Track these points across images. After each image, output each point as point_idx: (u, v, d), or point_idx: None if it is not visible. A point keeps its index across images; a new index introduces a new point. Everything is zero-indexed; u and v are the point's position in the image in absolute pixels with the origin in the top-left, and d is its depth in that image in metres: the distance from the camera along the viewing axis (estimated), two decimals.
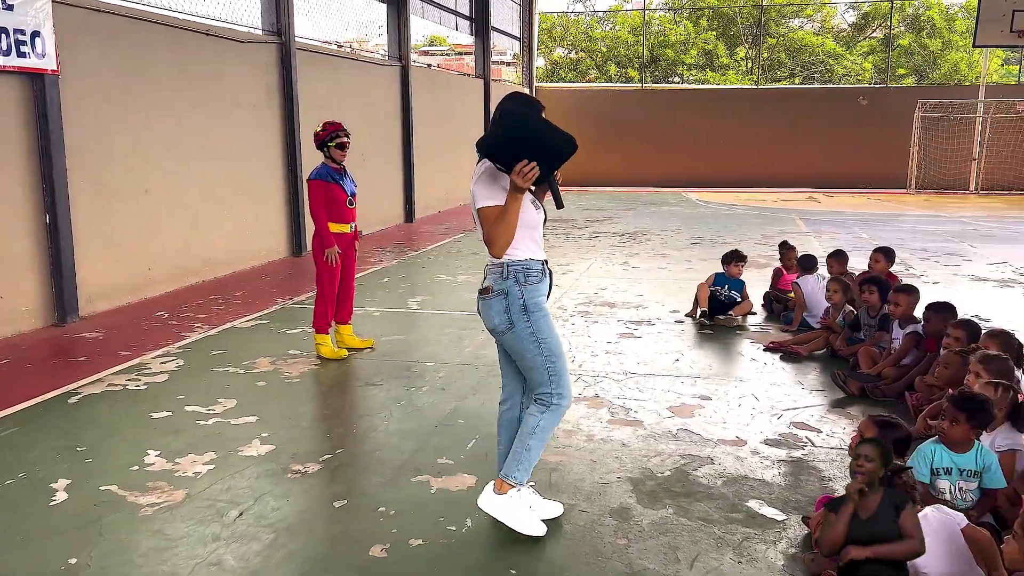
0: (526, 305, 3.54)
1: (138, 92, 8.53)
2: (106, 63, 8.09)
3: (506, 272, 3.54)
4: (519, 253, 3.53)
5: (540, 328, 3.56)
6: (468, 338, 7.00)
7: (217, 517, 3.82)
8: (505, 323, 3.56)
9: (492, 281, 3.58)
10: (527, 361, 3.60)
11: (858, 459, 3.11)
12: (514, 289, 3.53)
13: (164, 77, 8.93)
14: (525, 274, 3.54)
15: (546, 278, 3.64)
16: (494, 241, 3.46)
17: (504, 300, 3.54)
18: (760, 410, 5.22)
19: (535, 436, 3.61)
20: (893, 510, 3.05)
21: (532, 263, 3.56)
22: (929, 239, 12.87)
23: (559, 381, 3.61)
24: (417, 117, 15.59)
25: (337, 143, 6.27)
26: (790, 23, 30.85)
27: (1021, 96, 21.34)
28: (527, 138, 3.34)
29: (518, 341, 3.57)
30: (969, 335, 4.95)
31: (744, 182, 22.74)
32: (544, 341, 3.56)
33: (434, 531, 3.69)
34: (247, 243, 10.47)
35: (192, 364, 6.26)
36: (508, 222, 3.42)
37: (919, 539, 2.98)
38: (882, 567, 3.01)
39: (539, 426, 3.62)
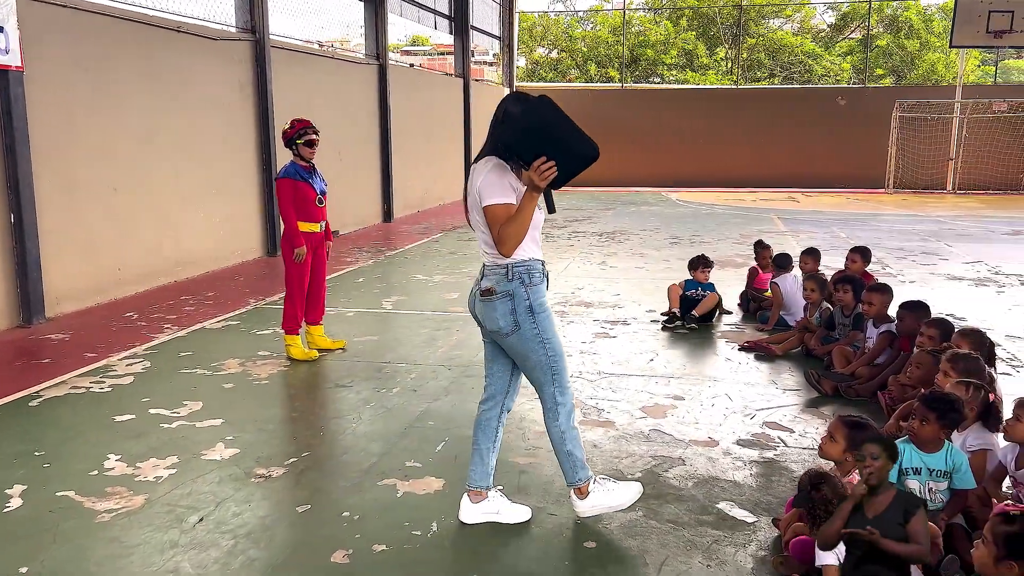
0: (532, 306, 3.49)
1: (108, 89, 8.39)
2: (74, 60, 7.95)
3: (511, 273, 3.47)
4: (523, 253, 3.47)
5: (545, 329, 3.52)
6: (442, 339, 6.92)
7: (176, 523, 3.73)
8: (511, 325, 3.49)
9: (495, 282, 3.49)
10: (531, 362, 3.55)
11: (864, 460, 3.02)
12: (520, 290, 3.47)
13: (135, 74, 8.79)
14: (529, 275, 3.49)
15: (546, 279, 3.60)
16: (505, 241, 3.36)
17: (510, 302, 3.48)
18: (733, 410, 5.17)
19: (567, 440, 3.63)
20: (902, 513, 2.96)
21: (534, 263, 3.52)
22: (906, 238, 12.91)
23: (560, 380, 3.59)
24: (395, 116, 15.49)
25: (306, 140, 6.16)
26: (769, 23, 30.99)
27: (997, 96, 21.52)
28: (553, 136, 3.25)
29: (523, 342, 3.51)
30: (942, 334, 4.93)
31: (724, 182, 22.79)
32: (548, 342, 3.53)
33: (399, 536, 3.61)
34: (220, 243, 10.34)
35: (159, 366, 6.14)
36: (522, 222, 3.35)
37: (926, 545, 2.91)
38: (883, 568, 2.94)
39: (563, 431, 3.63)
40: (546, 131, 3.27)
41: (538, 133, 3.27)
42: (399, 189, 15.81)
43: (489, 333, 3.62)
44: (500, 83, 23.98)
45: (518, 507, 3.79)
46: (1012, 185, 21.33)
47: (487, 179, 3.39)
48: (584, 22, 31.87)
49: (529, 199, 3.34)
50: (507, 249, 3.39)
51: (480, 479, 3.74)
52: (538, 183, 3.24)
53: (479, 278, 3.59)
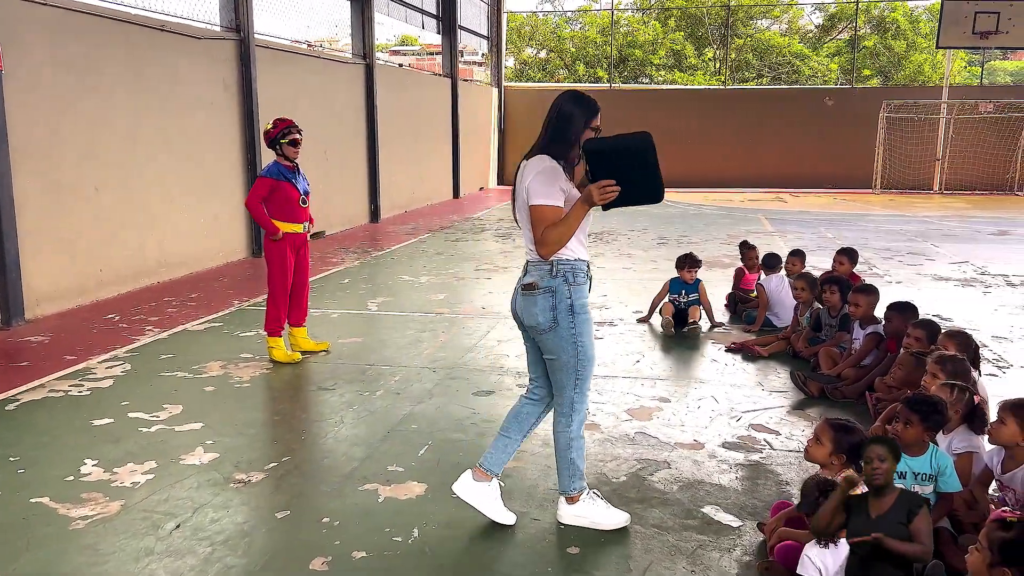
0: (573, 305, 3.47)
1: (90, 89, 8.29)
2: (55, 59, 7.85)
3: (555, 270, 3.46)
4: (569, 253, 3.46)
5: (582, 332, 3.50)
6: (427, 340, 6.87)
7: (152, 530, 3.66)
8: (549, 321, 3.47)
9: (538, 278, 3.48)
10: (559, 362, 3.53)
11: (871, 462, 3.00)
12: (563, 288, 3.46)
13: (118, 74, 8.69)
14: (574, 274, 3.48)
15: (589, 280, 3.57)
16: (547, 244, 3.38)
17: (551, 298, 3.46)
18: (719, 412, 5.14)
19: (572, 448, 3.62)
20: (906, 513, 2.95)
21: (580, 263, 3.50)
22: (893, 239, 12.93)
23: (582, 386, 3.58)
24: (382, 116, 15.41)
25: (290, 140, 6.09)
26: (757, 24, 31.03)
27: (983, 97, 21.60)
28: (641, 164, 3.22)
29: (558, 341, 3.49)
30: (929, 335, 4.90)
31: (712, 182, 22.80)
32: (582, 345, 3.51)
33: (379, 542, 3.55)
34: (205, 243, 10.25)
35: (139, 369, 6.06)
36: (568, 228, 3.37)
37: (929, 544, 2.89)
38: (889, 567, 2.91)
39: (572, 438, 3.61)
40: (639, 158, 3.24)
41: (629, 157, 3.24)
42: (386, 189, 15.73)
43: (527, 329, 3.60)
44: (488, 83, 23.93)
45: (506, 511, 3.72)
46: (998, 185, 21.42)
47: (536, 179, 3.40)
48: (572, 22, 31.85)
49: (580, 209, 3.34)
50: (547, 252, 3.42)
51: (493, 464, 3.72)
52: (596, 200, 3.24)
53: (522, 275, 3.58)
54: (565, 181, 3.42)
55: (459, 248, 12.10)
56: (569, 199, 3.41)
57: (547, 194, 3.39)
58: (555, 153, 3.45)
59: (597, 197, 3.22)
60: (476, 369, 6.06)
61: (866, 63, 28.60)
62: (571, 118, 3.45)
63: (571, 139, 3.45)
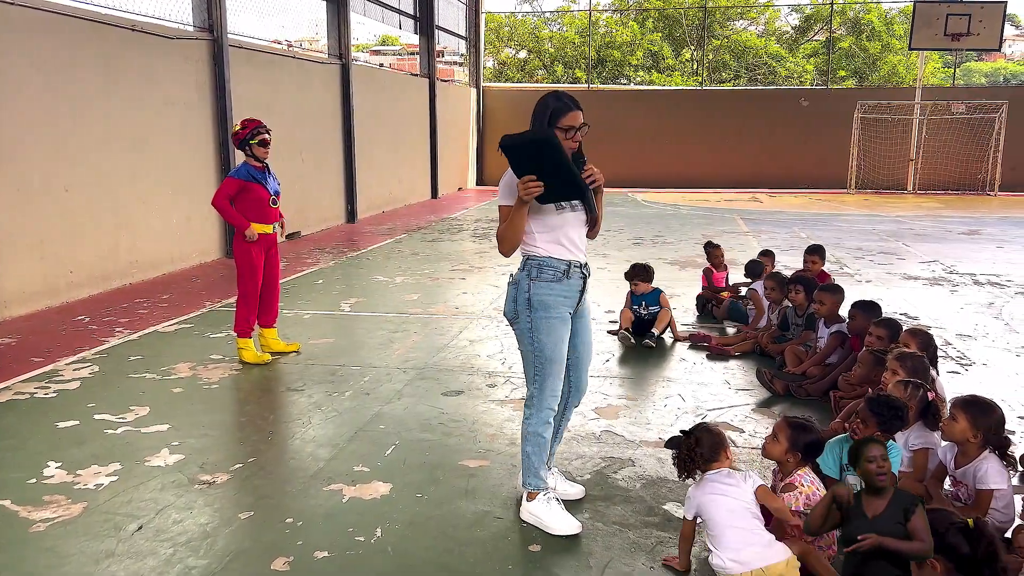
0: (530, 300, 3.54)
1: (60, 88, 8.23)
2: (25, 59, 7.78)
3: (524, 264, 3.60)
4: (539, 250, 3.55)
5: (539, 328, 3.55)
6: (399, 341, 6.88)
7: (114, 532, 3.65)
8: (512, 312, 3.62)
9: (515, 271, 3.66)
10: (522, 354, 3.67)
11: (872, 462, 3.00)
12: (524, 282, 3.56)
13: (89, 73, 8.63)
14: (539, 270, 3.54)
15: (570, 280, 3.57)
16: (498, 242, 3.55)
17: (515, 290, 3.60)
18: (685, 410, 5.18)
19: (528, 442, 3.67)
20: (902, 512, 2.95)
21: (552, 261, 3.54)
22: (865, 238, 13.07)
23: (542, 384, 3.62)
24: (359, 116, 15.38)
25: (258, 140, 6.08)
26: (734, 25, 31.23)
27: (955, 98, 21.86)
28: (550, 159, 3.25)
29: (519, 333, 3.63)
30: (891, 334, 4.98)
31: (689, 182, 22.94)
32: (539, 343, 3.56)
33: (342, 542, 3.56)
34: (177, 244, 10.20)
35: (107, 370, 6.03)
36: (509, 228, 3.46)
37: (928, 541, 2.88)
38: (887, 565, 2.92)
39: (527, 433, 3.66)
40: (545, 153, 3.26)
41: (537, 152, 3.26)
42: (363, 189, 15.71)
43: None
44: (467, 83, 23.94)
45: (569, 520, 3.69)
46: (970, 185, 21.69)
47: (503, 178, 3.49)
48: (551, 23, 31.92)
49: (516, 210, 3.41)
50: (500, 249, 3.56)
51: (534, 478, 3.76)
52: (522, 196, 3.31)
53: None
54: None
55: (435, 248, 12.11)
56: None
57: (507, 194, 3.48)
58: None
59: (521, 192, 3.29)
60: (446, 369, 6.08)
61: (841, 64, 28.88)
62: (538, 115, 3.49)
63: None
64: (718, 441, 3.28)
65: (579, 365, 3.82)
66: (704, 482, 3.25)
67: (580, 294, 3.63)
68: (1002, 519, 3.40)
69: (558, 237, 3.53)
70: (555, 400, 3.66)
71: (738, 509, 3.12)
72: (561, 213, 3.50)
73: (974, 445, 3.44)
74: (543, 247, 3.53)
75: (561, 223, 3.51)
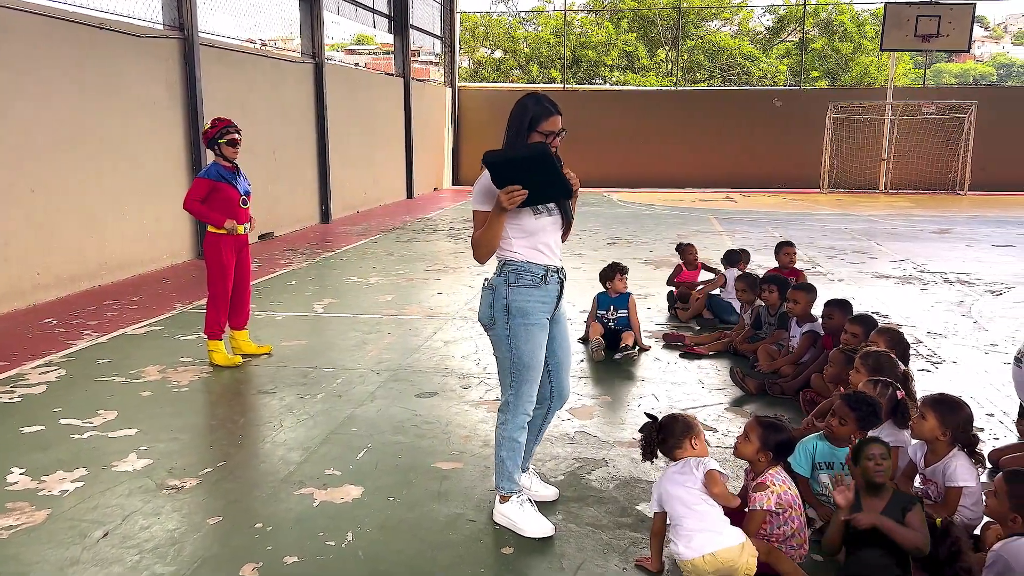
0: (509, 307, 3.49)
1: (26, 87, 8.09)
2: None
3: (500, 269, 3.53)
4: (516, 255, 3.50)
5: (517, 335, 3.50)
6: (372, 342, 6.82)
7: (79, 539, 3.58)
8: (487, 318, 3.56)
9: (491, 275, 3.59)
10: (498, 360, 3.61)
11: (871, 460, 3.02)
12: (502, 288, 3.50)
13: (56, 72, 8.49)
14: (517, 275, 3.49)
15: (548, 285, 3.53)
16: (473, 248, 3.49)
17: (491, 295, 3.53)
18: (659, 410, 5.17)
19: (503, 447, 3.63)
20: (900, 511, 2.97)
21: (529, 266, 3.49)
22: (838, 237, 13.17)
23: (518, 390, 3.58)
24: (333, 116, 15.29)
25: (228, 140, 6.00)
26: (708, 25, 31.41)
27: (926, 99, 22.12)
28: (541, 171, 3.24)
29: (495, 339, 3.57)
30: (866, 331, 5.00)
31: (664, 182, 23.03)
32: (516, 349, 3.52)
33: (312, 547, 3.52)
34: (148, 246, 10.07)
35: (75, 374, 5.93)
36: (486, 235, 3.41)
37: (925, 535, 2.90)
38: (882, 552, 2.92)
39: (502, 438, 3.63)
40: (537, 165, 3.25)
41: (526, 166, 3.25)
42: (337, 189, 15.60)
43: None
44: (443, 83, 23.87)
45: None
46: (941, 184, 21.95)
47: (477, 183, 3.45)
48: (526, 23, 31.93)
49: (494, 217, 3.36)
50: (475, 256, 3.50)
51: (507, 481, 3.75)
52: (505, 206, 3.27)
53: None
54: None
55: (410, 249, 12.05)
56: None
57: (482, 199, 3.45)
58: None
59: (505, 202, 3.25)
60: (420, 371, 6.04)
61: (814, 65, 29.12)
62: (517, 118, 3.45)
63: (517, 142, 3.45)
64: (683, 429, 3.29)
65: (560, 370, 3.79)
66: (663, 474, 3.30)
67: (557, 299, 3.61)
68: (971, 516, 3.43)
69: (536, 242, 3.50)
70: (531, 405, 3.64)
71: (688, 497, 3.15)
72: (539, 218, 3.48)
73: (943, 443, 3.46)
74: (521, 252, 3.49)
75: (539, 228, 3.49)
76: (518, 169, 3.24)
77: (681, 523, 3.13)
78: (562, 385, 3.81)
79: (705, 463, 3.23)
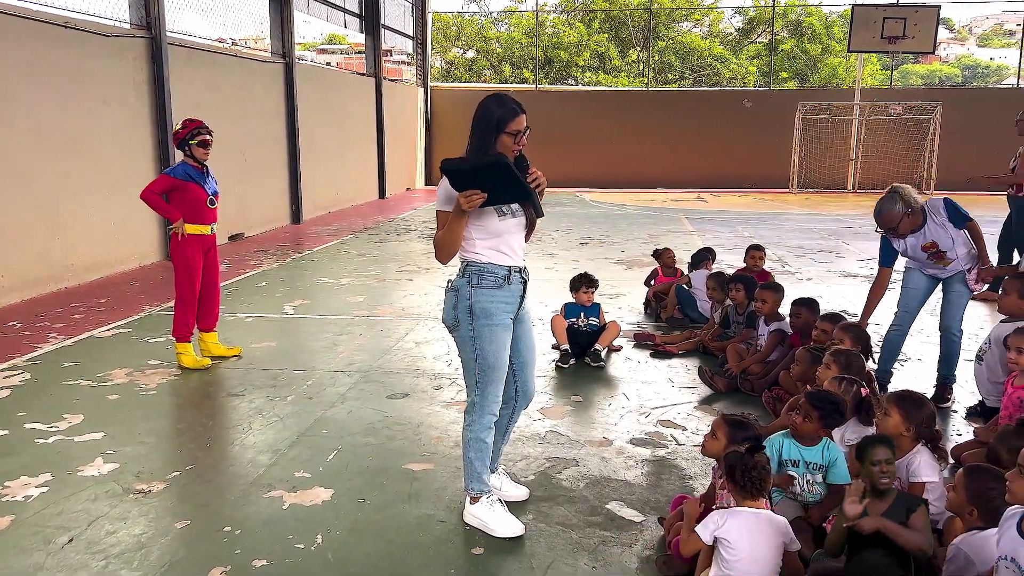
0: (472, 308, 3.48)
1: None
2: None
3: (463, 271, 3.53)
4: (480, 256, 3.50)
5: (482, 336, 3.50)
6: (343, 343, 6.80)
7: (43, 545, 3.54)
8: (451, 320, 3.55)
9: (454, 276, 3.60)
10: (463, 362, 3.63)
11: (878, 464, 2.96)
12: (465, 289, 3.50)
13: (19, 71, 8.36)
14: (480, 276, 3.49)
15: (511, 285, 3.54)
16: (435, 249, 3.51)
17: (455, 297, 3.53)
18: (629, 409, 5.22)
19: (471, 448, 3.65)
20: (904, 512, 2.93)
21: (493, 267, 3.50)
22: (807, 237, 13.32)
23: (484, 391, 3.59)
24: (304, 116, 15.19)
25: (199, 141, 5.94)
26: (679, 27, 31.61)
27: (893, 100, 22.41)
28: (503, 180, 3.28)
29: (460, 340, 3.58)
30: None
31: (636, 182, 23.14)
32: (480, 350, 3.52)
33: (281, 549, 3.50)
34: (115, 247, 9.94)
35: (40, 377, 5.85)
36: (447, 236, 3.43)
37: (929, 536, 2.87)
38: (884, 553, 2.88)
39: (469, 440, 3.64)
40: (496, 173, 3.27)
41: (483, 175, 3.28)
42: (308, 190, 15.51)
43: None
44: (415, 83, 23.81)
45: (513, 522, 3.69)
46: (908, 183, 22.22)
47: (441, 183, 3.46)
48: (498, 23, 31.94)
49: (455, 219, 3.37)
50: (437, 256, 3.52)
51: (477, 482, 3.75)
52: (464, 208, 3.29)
53: None
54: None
55: (382, 249, 12.01)
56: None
57: (441, 200, 3.48)
58: (470, 155, 3.47)
59: (464, 205, 3.28)
60: (392, 372, 6.03)
61: (783, 66, 29.41)
62: (483, 121, 3.46)
63: (485, 140, 3.46)
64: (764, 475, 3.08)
65: (525, 369, 3.81)
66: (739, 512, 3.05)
67: (520, 299, 3.62)
68: (934, 511, 3.48)
69: (499, 244, 3.51)
70: (497, 406, 3.65)
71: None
72: (503, 220, 3.49)
73: (907, 439, 3.51)
74: (483, 253, 3.50)
75: (504, 229, 3.50)
76: (476, 176, 3.27)
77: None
78: (527, 384, 3.82)
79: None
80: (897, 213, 5.19)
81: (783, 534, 2.99)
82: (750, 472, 3.00)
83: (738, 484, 3.02)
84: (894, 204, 5.21)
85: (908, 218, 5.21)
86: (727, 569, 2.93)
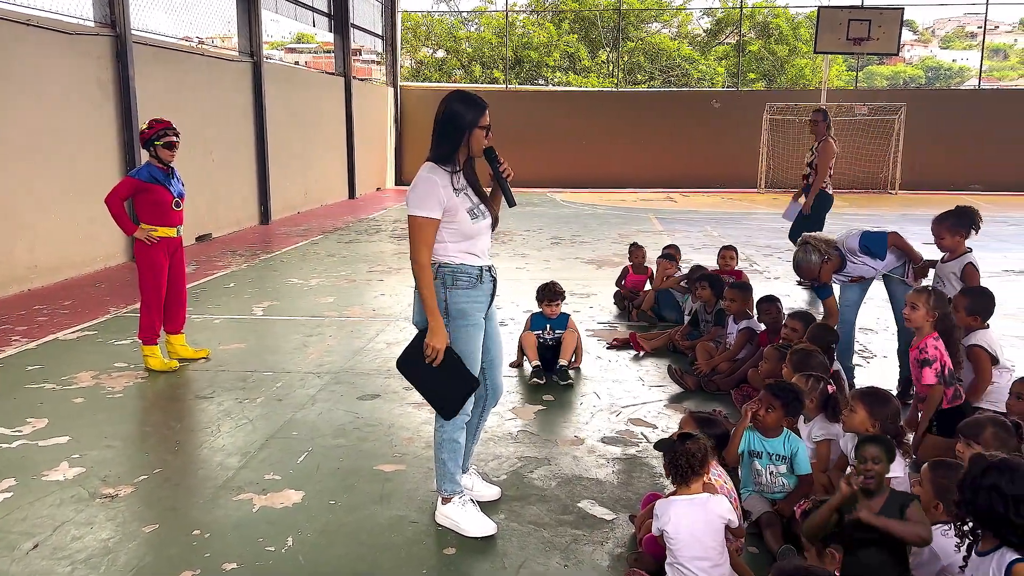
0: (448, 309, 3.48)
1: None
2: None
3: (436, 272, 3.49)
4: (451, 258, 3.49)
5: (457, 337, 3.50)
6: (313, 345, 6.75)
7: (7, 551, 3.48)
8: (423, 323, 3.51)
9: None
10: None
11: (865, 463, 2.96)
12: (440, 291, 3.48)
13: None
14: (454, 278, 3.49)
15: (483, 284, 3.55)
16: (412, 261, 3.48)
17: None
18: (600, 408, 5.24)
19: (444, 449, 3.64)
20: (898, 509, 2.92)
21: (465, 267, 3.50)
22: (775, 236, 13.45)
23: None
24: (272, 115, 15.06)
25: (165, 142, 5.88)
26: (649, 27, 31.80)
27: (858, 101, 22.71)
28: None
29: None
30: (805, 326, 5.15)
31: (606, 182, 23.23)
32: (457, 352, 3.50)
33: (251, 552, 3.48)
34: (80, 248, 9.79)
35: (3, 381, 5.74)
36: (424, 292, 3.44)
37: (926, 526, 2.86)
38: (880, 551, 2.87)
39: (442, 440, 3.63)
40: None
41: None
42: (277, 190, 15.38)
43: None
44: (384, 82, 23.71)
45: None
46: (872, 184, 22.56)
47: (414, 188, 3.44)
48: (468, 23, 31.91)
49: (437, 318, 3.43)
50: (415, 270, 3.48)
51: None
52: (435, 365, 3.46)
53: None
54: (446, 189, 3.42)
55: (352, 249, 11.95)
56: (449, 208, 3.43)
57: (420, 205, 3.43)
58: (441, 157, 3.47)
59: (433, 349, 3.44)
60: (362, 373, 6.00)
61: (751, 67, 29.70)
62: (456, 118, 3.46)
63: (458, 140, 3.47)
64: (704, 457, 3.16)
65: (493, 367, 3.82)
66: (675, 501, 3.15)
67: (491, 297, 3.63)
68: None
69: (471, 246, 3.52)
70: (470, 406, 3.65)
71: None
72: (476, 222, 3.51)
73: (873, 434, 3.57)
74: (456, 255, 3.51)
75: (476, 232, 3.52)
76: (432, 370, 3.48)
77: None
78: (496, 382, 3.84)
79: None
80: (815, 264, 5.32)
81: (721, 515, 3.05)
82: (677, 460, 3.09)
83: (668, 472, 3.14)
84: (810, 256, 5.33)
85: (827, 264, 5.32)
86: (673, 557, 3.02)
